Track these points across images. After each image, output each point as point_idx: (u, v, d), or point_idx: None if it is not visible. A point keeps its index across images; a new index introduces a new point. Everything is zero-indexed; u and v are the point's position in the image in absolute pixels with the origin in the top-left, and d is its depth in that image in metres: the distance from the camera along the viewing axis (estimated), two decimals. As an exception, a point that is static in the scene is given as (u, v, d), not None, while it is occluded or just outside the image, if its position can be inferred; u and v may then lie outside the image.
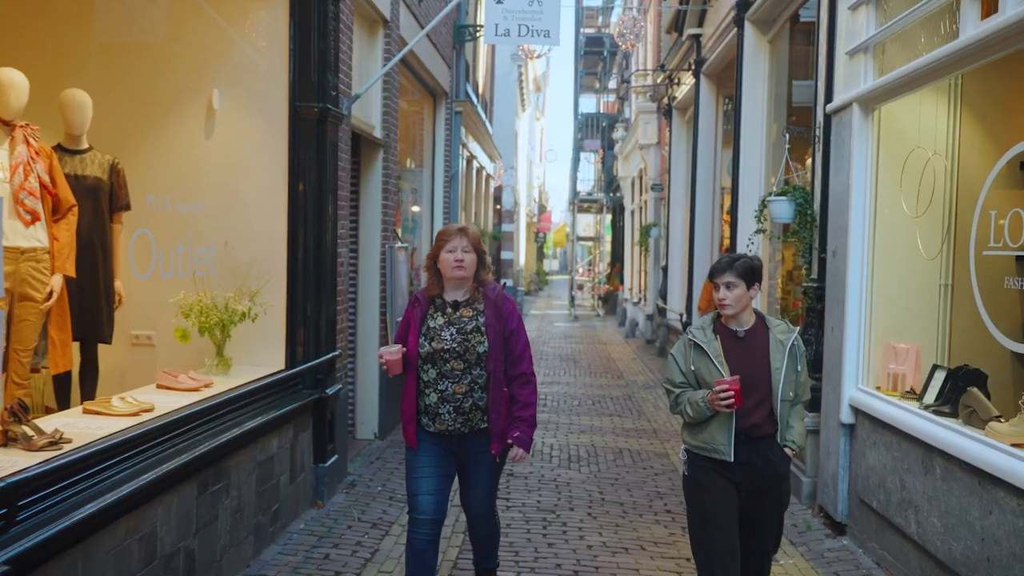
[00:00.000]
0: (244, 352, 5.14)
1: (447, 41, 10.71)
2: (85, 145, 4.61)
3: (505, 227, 23.14)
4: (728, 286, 3.43)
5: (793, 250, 6.70)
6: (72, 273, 4.14)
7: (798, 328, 3.65)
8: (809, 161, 6.46)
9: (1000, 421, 3.76)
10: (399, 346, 3.59)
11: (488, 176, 17.39)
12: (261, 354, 5.23)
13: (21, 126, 3.98)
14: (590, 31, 28.24)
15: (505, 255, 23.26)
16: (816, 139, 5.83)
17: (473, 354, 3.56)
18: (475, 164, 14.97)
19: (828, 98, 5.61)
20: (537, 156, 41.61)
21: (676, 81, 13.38)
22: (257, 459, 4.55)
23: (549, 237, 44.56)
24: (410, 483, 3.66)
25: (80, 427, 3.52)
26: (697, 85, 11.54)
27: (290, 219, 5.24)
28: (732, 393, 3.24)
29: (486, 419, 3.61)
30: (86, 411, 3.82)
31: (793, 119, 8.02)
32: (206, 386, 4.50)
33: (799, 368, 3.48)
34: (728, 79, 10.18)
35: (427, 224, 10.50)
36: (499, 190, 21.37)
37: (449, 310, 3.63)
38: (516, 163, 25.18)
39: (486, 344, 3.56)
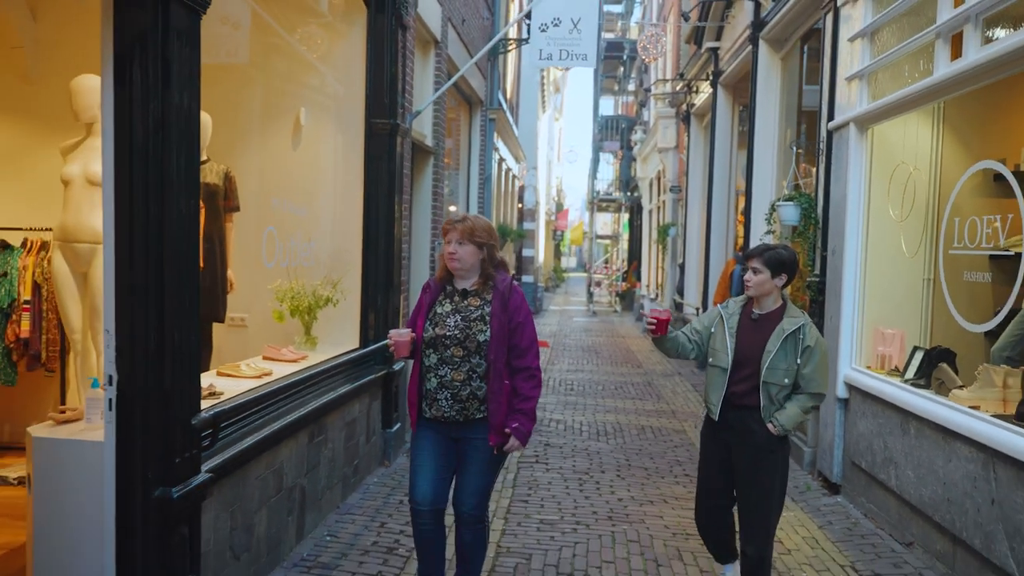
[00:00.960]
0: (325, 332, 6.02)
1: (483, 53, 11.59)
2: (204, 157, 5.51)
3: (527, 225, 23.97)
4: (754, 271, 3.80)
5: (799, 249, 7.53)
6: (200, 264, 5.03)
7: (803, 321, 3.78)
8: (815, 169, 7.29)
9: (962, 389, 4.61)
10: (408, 330, 3.65)
11: (514, 176, 18.26)
12: (339, 334, 6.12)
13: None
14: (610, 36, 29.06)
15: (527, 252, 24.08)
16: (820, 152, 6.67)
17: (473, 342, 3.55)
18: (504, 166, 15.86)
19: (830, 116, 6.44)
20: (555, 156, 42.42)
21: (695, 89, 14.19)
22: (345, 420, 5.45)
23: (566, 235, 45.39)
24: (410, 471, 3.71)
25: (220, 386, 4.41)
26: (715, 94, 12.35)
27: (365, 219, 6.13)
28: (654, 321, 3.86)
29: (484, 409, 3.59)
30: (219, 374, 4.71)
31: (804, 127, 8.84)
32: (303, 358, 5.40)
33: (799, 359, 3.71)
34: (743, 89, 11.00)
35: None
36: (522, 189, 22.21)
37: (457, 298, 3.65)
38: (537, 163, 26.01)
39: (487, 333, 3.55)
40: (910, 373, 5.31)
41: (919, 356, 5.33)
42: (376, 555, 4.62)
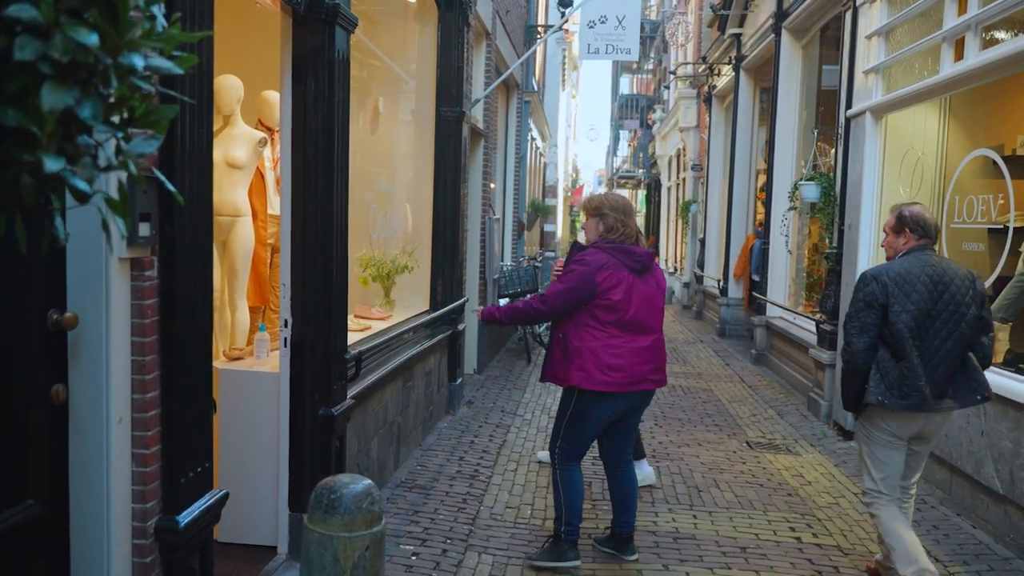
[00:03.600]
0: (402, 296, 6.85)
1: (520, 40, 12.32)
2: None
3: (548, 201, 24.69)
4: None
5: (818, 224, 8.31)
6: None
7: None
8: (833, 151, 8.05)
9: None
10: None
11: (540, 154, 19.01)
12: (412, 299, 6.94)
13: (276, 131, 5.68)
14: (629, 15, 29.60)
15: (548, 227, 24.81)
16: (838, 136, 7.43)
17: None
18: (534, 144, 16.60)
19: (848, 105, 7.19)
20: (572, 133, 43.01)
21: (716, 72, 14.87)
22: (425, 370, 6.30)
23: (582, 213, 45.96)
24: None
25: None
26: (737, 78, 13.05)
27: (434, 197, 6.94)
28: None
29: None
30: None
31: (822, 111, 9.58)
32: (389, 317, 6.24)
33: None
34: (765, 73, 11.71)
35: (500, 199, 12.16)
36: (545, 166, 22.92)
37: None
38: (557, 140, 26.69)
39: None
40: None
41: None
42: (462, 480, 5.49)
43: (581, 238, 4.81)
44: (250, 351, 4.29)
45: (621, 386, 4.01)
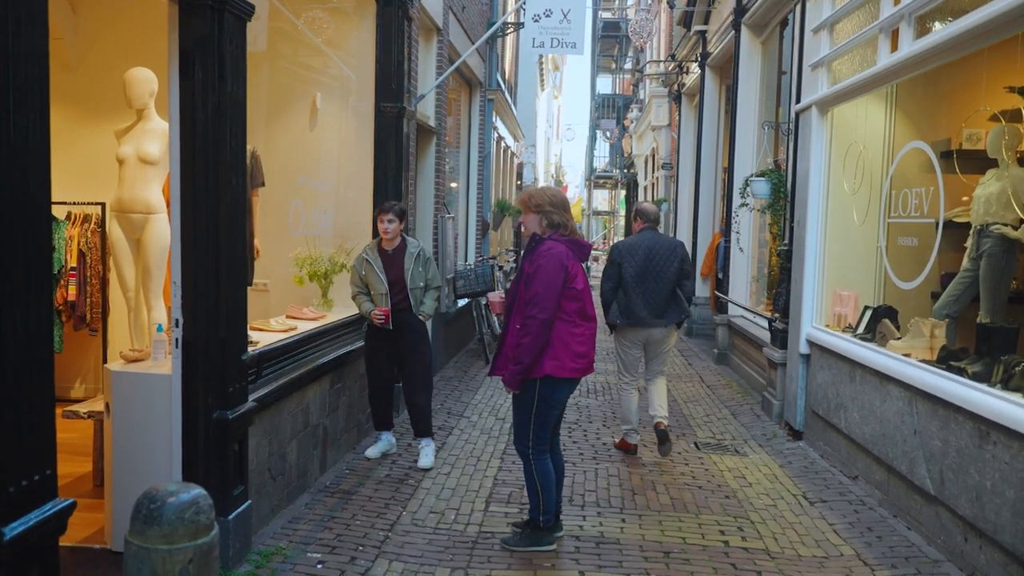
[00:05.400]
0: (340, 296, 6.69)
1: (480, 36, 12.17)
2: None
3: (525, 201, 24.51)
4: (390, 221, 5.60)
5: (771, 221, 8.19)
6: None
7: (420, 244, 5.81)
8: (787, 148, 7.94)
9: (898, 340, 5.30)
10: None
11: (512, 154, 18.85)
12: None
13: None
14: (607, 15, 29.52)
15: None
16: (788, 132, 7.31)
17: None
18: (503, 144, 16.44)
19: (798, 99, 7.08)
20: (554, 133, 42.92)
21: (685, 70, 14.78)
22: (359, 372, 6.14)
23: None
24: None
25: (253, 337, 5.08)
26: (703, 75, 12.95)
27: (375, 194, 6.77)
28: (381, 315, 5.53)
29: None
30: (251, 328, 5.37)
31: (783, 108, 9.46)
32: (322, 317, 6.07)
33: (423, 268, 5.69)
34: (729, 71, 11.59)
35: (463, 198, 12.02)
36: (520, 167, 22.75)
37: None
38: (536, 140, 26.55)
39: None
40: (860, 329, 5.99)
41: (868, 314, 6.01)
42: (389, 484, 5.33)
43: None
44: (149, 352, 4.13)
45: (583, 372, 4.29)
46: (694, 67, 13.88)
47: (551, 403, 4.27)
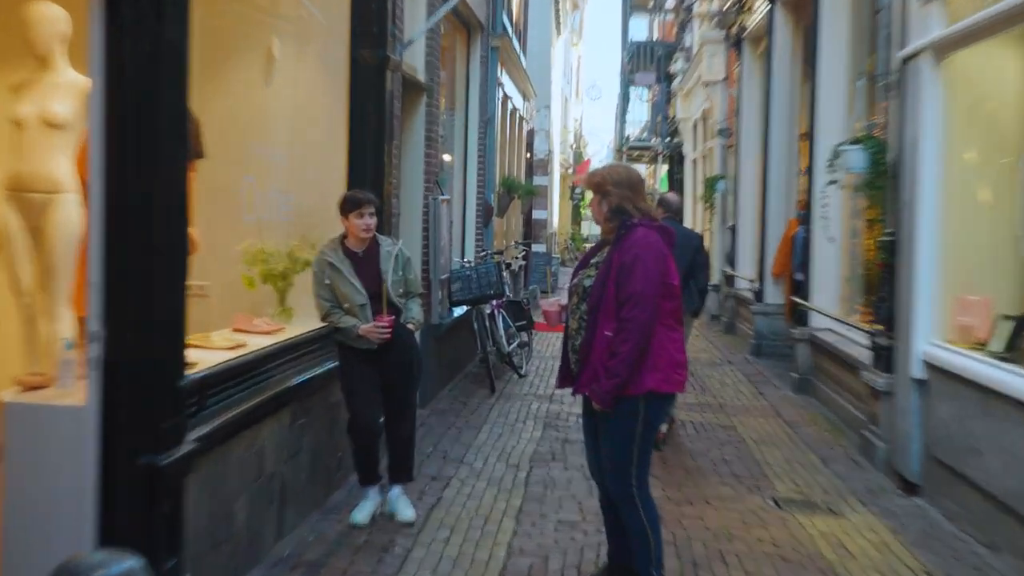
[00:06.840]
0: (301, 303, 6.57)
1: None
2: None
3: (537, 180, 24.50)
4: (370, 215, 5.62)
5: (869, 202, 8.10)
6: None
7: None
8: (886, 107, 7.84)
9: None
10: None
11: (521, 118, 18.82)
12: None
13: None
14: (643, -63, 29.52)
15: (537, 214, 24.64)
16: (890, 86, 7.21)
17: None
18: (510, 105, 16.41)
19: (903, 43, 6.98)
20: (573, 92, 42.95)
21: (747, 7, 14.69)
22: (329, 402, 6.06)
23: (587, 194, 45.85)
24: None
25: (191, 357, 4.98)
26: (772, 12, 12.87)
27: (350, 170, 6.71)
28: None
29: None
30: (188, 345, 5.29)
31: (882, 55, 9.37)
32: (279, 330, 5.99)
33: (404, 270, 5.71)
34: (808, 6, 11.50)
35: (459, 176, 11.93)
36: (531, 135, 22.73)
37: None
38: (550, 100, 26.54)
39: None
40: (996, 345, 5.89)
41: (1007, 326, 5.90)
42: (369, 554, 5.24)
43: None
44: (54, 377, 4.05)
45: (683, 385, 4.54)
46: (760, 2, 13.81)
47: (654, 427, 4.50)
